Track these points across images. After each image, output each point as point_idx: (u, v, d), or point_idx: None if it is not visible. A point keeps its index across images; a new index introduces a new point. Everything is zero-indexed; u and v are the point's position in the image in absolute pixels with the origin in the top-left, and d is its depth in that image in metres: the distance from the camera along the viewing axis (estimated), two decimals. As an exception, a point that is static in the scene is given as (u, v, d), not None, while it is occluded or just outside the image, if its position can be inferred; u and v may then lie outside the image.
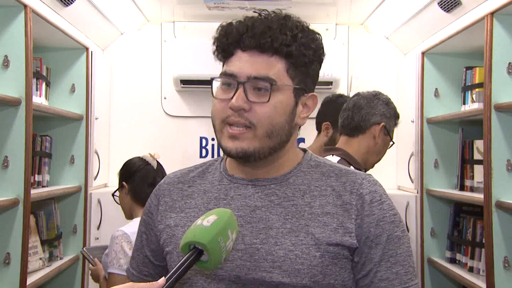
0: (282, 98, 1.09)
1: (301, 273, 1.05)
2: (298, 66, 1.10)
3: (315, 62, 1.14)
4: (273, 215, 1.10)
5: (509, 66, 2.12)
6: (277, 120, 1.08)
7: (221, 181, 1.17)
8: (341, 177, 1.14)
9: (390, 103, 2.18)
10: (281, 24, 1.09)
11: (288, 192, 1.12)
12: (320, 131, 2.64)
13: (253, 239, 1.08)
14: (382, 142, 2.14)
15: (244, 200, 1.12)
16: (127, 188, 2.36)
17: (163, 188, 1.23)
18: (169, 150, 3.34)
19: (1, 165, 2.11)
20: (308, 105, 1.15)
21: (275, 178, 1.14)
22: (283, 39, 1.07)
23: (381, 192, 1.13)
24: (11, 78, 2.11)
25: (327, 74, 3.16)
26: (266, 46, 1.07)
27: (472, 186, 2.62)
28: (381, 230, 1.09)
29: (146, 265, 1.24)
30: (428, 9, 2.69)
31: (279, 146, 1.11)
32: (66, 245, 2.88)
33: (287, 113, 1.10)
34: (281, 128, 1.09)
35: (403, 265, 1.09)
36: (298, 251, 1.06)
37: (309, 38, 1.11)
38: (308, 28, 1.13)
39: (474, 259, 2.51)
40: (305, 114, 1.15)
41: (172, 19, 3.43)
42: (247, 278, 1.06)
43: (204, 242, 0.94)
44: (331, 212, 1.09)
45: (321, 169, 1.16)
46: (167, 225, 1.17)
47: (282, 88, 1.09)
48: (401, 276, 1.08)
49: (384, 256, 1.08)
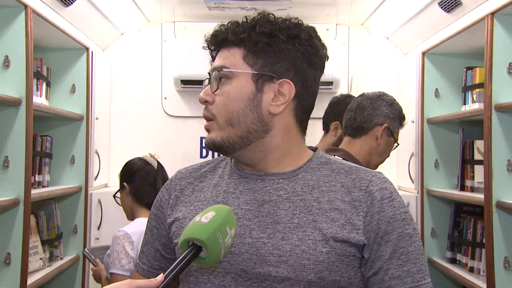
0: (236, 84, 1.11)
1: (307, 268, 1.05)
2: (257, 53, 1.11)
3: (289, 51, 1.12)
4: (281, 209, 1.10)
5: (510, 66, 2.13)
6: (232, 107, 1.11)
7: (231, 175, 1.18)
8: (351, 174, 1.14)
9: (395, 104, 2.15)
10: (250, 19, 1.13)
11: (297, 187, 1.12)
12: (328, 131, 2.63)
13: (260, 233, 1.08)
14: (385, 143, 2.12)
15: (252, 194, 1.13)
16: (128, 188, 2.37)
17: (175, 183, 1.24)
18: (169, 150, 3.34)
19: (2, 165, 2.11)
20: (283, 92, 1.12)
21: (284, 173, 1.14)
22: (237, 31, 1.12)
23: (392, 189, 1.13)
24: (11, 78, 2.11)
25: (327, 74, 3.15)
26: (221, 40, 1.14)
27: (472, 186, 2.62)
28: (392, 228, 1.08)
29: (157, 259, 1.25)
30: (429, 9, 2.69)
31: (250, 135, 1.12)
32: (67, 245, 2.88)
33: (244, 99, 1.11)
34: (241, 115, 1.11)
35: (415, 263, 1.08)
36: (304, 246, 1.06)
37: (276, 27, 1.12)
38: (288, 21, 1.14)
39: (475, 260, 2.51)
40: (279, 102, 1.12)
41: (172, 19, 3.43)
42: (253, 272, 1.07)
43: (202, 238, 0.95)
44: (339, 208, 1.09)
45: (331, 166, 1.16)
46: (176, 217, 1.18)
47: (237, 75, 1.12)
48: (413, 274, 1.07)
49: (394, 253, 1.08)
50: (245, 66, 1.12)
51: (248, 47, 1.12)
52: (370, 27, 3.46)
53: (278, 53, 1.12)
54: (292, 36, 1.13)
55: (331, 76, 3.18)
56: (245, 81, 1.11)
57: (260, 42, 1.11)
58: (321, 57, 1.18)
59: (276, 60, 1.12)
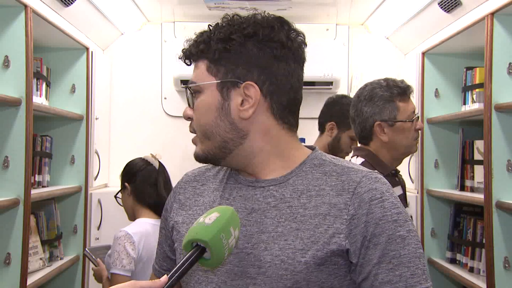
0: (203, 98, 1.10)
1: (283, 279, 1.01)
2: (218, 60, 1.09)
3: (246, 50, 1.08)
4: (267, 218, 1.07)
5: (510, 67, 2.12)
6: (204, 121, 1.10)
7: (228, 180, 1.17)
8: (341, 176, 1.09)
9: (374, 96, 2.01)
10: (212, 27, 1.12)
11: (286, 193, 1.09)
12: (323, 131, 2.63)
13: (245, 244, 1.06)
14: (393, 134, 2.00)
15: (243, 202, 1.11)
16: (129, 189, 2.36)
17: (180, 186, 1.25)
18: (169, 150, 3.34)
19: (2, 165, 2.11)
20: (249, 95, 1.08)
21: (274, 179, 1.11)
22: (198, 42, 1.11)
23: (383, 189, 1.06)
24: (11, 78, 2.11)
25: (327, 74, 3.16)
26: (188, 56, 1.13)
27: (472, 187, 2.62)
28: (381, 230, 1.02)
29: (165, 260, 1.26)
30: (429, 10, 2.69)
31: (227, 144, 1.10)
32: (67, 245, 2.88)
33: (212, 111, 1.09)
34: (213, 127, 1.09)
35: (409, 267, 1.01)
36: (284, 256, 1.03)
37: (232, 30, 1.08)
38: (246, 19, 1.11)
39: (475, 260, 2.51)
40: (247, 105, 1.08)
41: (172, 19, 3.43)
42: (232, 284, 1.05)
43: (206, 239, 0.94)
44: (323, 213, 1.04)
45: (324, 168, 1.12)
46: (176, 221, 1.19)
47: (204, 88, 1.10)
48: (406, 279, 1.00)
49: (384, 257, 1.01)
50: (209, 77, 1.10)
51: (208, 57, 1.09)
52: (370, 27, 3.46)
53: (237, 56, 1.08)
54: (248, 35, 1.08)
55: (331, 76, 3.18)
56: (211, 92, 1.10)
57: (218, 50, 1.08)
58: (290, 47, 1.10)
59: (237, 64, 1.08)
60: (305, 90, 1.19)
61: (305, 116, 3.34)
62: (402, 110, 2.00)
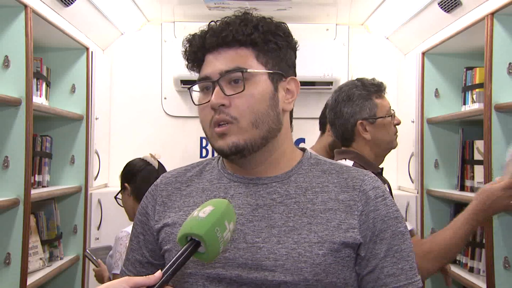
0: (258, 85, 1.10)
1: (304, 271, 1.04)
2: (267, 52, 1.12)
3: (286, 48, 1.15)
4: (275, 213, 1.10)
5: (509, 67, 2.13)
6: (258, 108, 1.09)
7: (220, 179, 1.17)
8: (342, 174, 1.15)
9: (352, 96, 1.99)
10: (241, 19, 1.13)
11: (290, 190, 1.12)
12: (324, 131, 2.63)
13: (255, 238, 1.08)
14: (374, 132, 1.98)
15: (245, 198, 1.12)
16: (129, 189, 2.36)
17: (161, 189, 1.21)
18: (169, 150, 3.34)
19: (1, 165, 2.12)
20: (291, 89, 1.16)
21: (276, 177, 1.14)
22: (244, 30, 1.10)
23: (383, 188, 1.14)
24: (11, 78, 2.11)
25: (327, 74, 3.16)
26: (228, 40, 1.10)
27: (472, 187, 2.62)
28: (386, 226, 1.10)
29: (143, 265, 1.22)
30: (428, 10, 2.69)
31: (270, 135, 1.11)
32: (66, 245, 2.88)
33: (266, 99, 1.10)
34: (265, 115, 1.10)
35: (408, 261, 1.10)
36: (300, 249, 1.05)
37: (273, 25, 1.13)
38: (270, 19, 1.15)
39: (475, 259, 2.51)
40: (290, 99, 1.15)
41: (172, 19, 3.43)
42: (249, 277, 1.06)
43: (201, 233, 0.94)
44: (333, 208, 1.09)
45: (321, 166, 1.17)
46: (165, 223, 1.16)
47: (256, 75, 1.10)
48: (406, 272, 1.09)
49: (389, 251, 1.09)
50: (259, 65, 1.11)
51: (259, 46, 1.11)
52: (370, 27, 3.46)
53: (281, 51, 1.14)
54: (286, 34, 1.15)
55: (331, 76, 3.18)
56: (264, 80, 1.11)
57: (270, 41, 1.12)
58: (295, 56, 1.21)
59: (281, 59, 1.14)
60: (305, 90, 1.21)
61: (305, 116, 3.36)
62: (380, 106, 2.00)
